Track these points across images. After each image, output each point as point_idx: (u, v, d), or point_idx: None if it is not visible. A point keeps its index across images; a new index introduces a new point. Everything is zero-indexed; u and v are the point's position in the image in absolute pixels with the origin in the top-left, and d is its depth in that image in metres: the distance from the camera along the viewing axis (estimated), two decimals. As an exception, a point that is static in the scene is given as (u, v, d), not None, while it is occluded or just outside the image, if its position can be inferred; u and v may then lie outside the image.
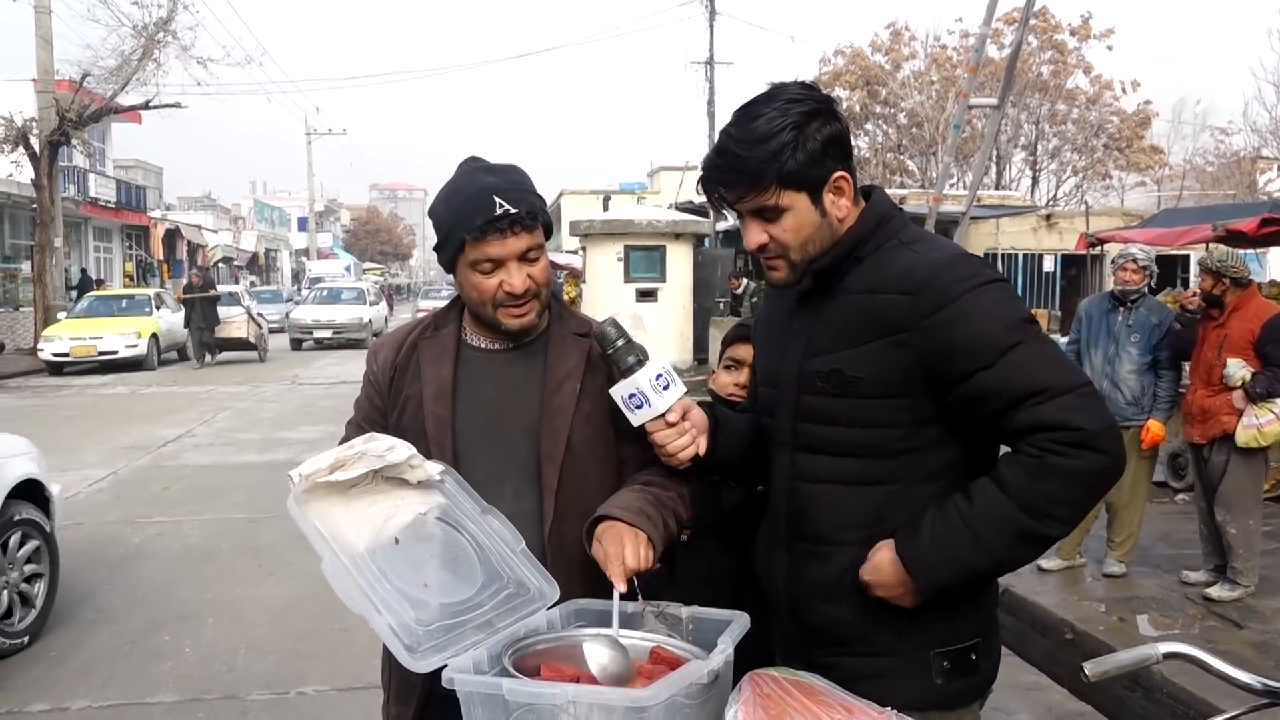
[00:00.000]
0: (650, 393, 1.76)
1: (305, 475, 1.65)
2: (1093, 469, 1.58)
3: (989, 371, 1.60)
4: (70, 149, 23.19)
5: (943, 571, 1.63)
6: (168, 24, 20.90)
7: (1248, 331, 5.27)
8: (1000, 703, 4.36)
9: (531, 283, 1.91)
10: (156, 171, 43.22)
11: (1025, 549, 1.63)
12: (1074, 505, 1.60)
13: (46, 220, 20.71)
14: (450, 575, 1.71)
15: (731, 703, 1.46)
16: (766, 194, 1.68)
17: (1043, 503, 1.58)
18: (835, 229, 1.73)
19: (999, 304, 1.65)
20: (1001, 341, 1.61)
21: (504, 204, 1.84)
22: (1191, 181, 29.60)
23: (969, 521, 1.61)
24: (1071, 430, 1.56)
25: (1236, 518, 5.27)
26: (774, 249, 1.74)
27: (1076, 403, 1.58)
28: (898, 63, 32.12)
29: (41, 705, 4.38)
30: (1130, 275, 5.66)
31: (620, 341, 1.80)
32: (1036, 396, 1.58)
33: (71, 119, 20.06)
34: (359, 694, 4.39)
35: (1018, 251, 20.78)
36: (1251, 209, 9.86)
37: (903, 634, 1.71)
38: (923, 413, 1.68)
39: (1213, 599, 5.24)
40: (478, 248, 1.87)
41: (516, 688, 1.44)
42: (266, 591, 5.94)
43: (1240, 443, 5.19)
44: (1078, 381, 1.61)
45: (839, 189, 1.72)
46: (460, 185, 1.91)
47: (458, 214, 1.87)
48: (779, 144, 1.64)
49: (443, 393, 1.96)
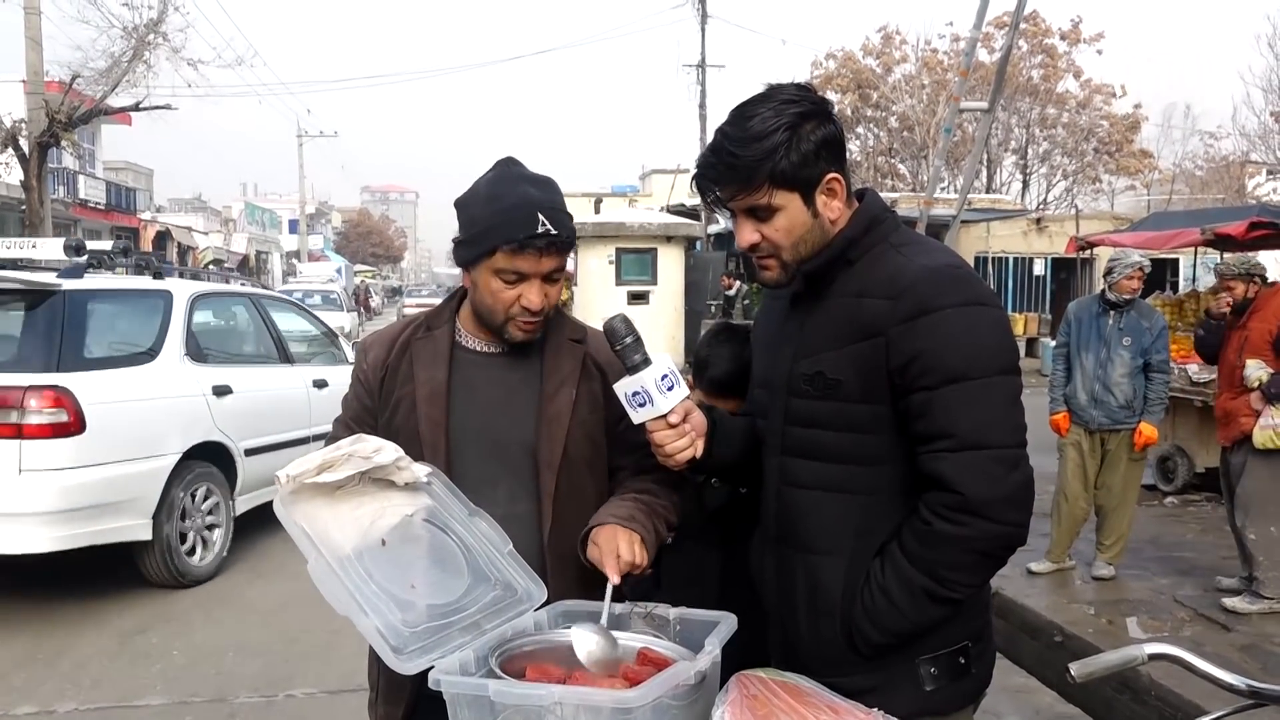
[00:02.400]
0: (654, 392, 1.77)
1: (292, 476, 1.65)
2: (980, 536, 1.58)
3: (925, 394, 1.60)
4: (60, 150, 23.11)
5: (873, 636, 1.67)
6: (158, 25, 20.82)
7: (1266, 331, 5.22)
8: (990, 705, 4.35)
9: (547, 302, 1.92)
10: (147, 173, 43.06)
11: (936, 608, 1.65)
12: (970, 570, 1.63)
13: (36, 222, 20.60)
14: (437, 577, 1.71)
15: (718, 703, 1.47)
16: (759, 193, 1.68)
17: (939, 570, 1.61)
18: (827, 230, 1.73)
19: (973, 328, 1.62)
20: (952, 370, 1.59)
21: (547, 224, 1.84)
22: (1181, 186, 29.73)
23: (885, 590, 1.65)
24: (955, 494, 1.56)
25: (1255, 522, 5.19)
26: (765, 248, 1.74)
27: (974, 463, 1.57)
28: (889, 66, 32.23)
29: (29, 708, 4.36)
30: (1136, 284, 5.62)
31: (629, 339, 1.80)
32: (944, 441, 1.58)
33: (61, 120, 19.96)
34: (348, 696, 4.38)
35: (1008, 255, 20.86)
36: (1240, 213, 9.91)
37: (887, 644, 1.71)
38: (898, 420, 1.67)
39: (1229, 610, 5.13)
40: (510, 259, 1.86)
41: (503, 689, 1.44)
42: (256, 593, 5.92)
43: (1257, 444, 5.13)
44: (991, 441, 1.58)
45: (831, 190, 1.72)
46: (502, 191, 1.89)
47: (497, 220, 1.86)
48: (773, 144, 1.65)
49: (436, 394, 1.96)
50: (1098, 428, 5.66)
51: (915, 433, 1.62)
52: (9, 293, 5.61)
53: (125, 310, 6.27)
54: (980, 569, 1.64)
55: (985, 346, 1.62)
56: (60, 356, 5.36)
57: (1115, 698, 4.35)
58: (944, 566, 1.60)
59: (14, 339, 5.51)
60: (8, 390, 5.09)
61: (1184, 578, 5.79)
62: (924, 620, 1.66)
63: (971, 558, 1.61)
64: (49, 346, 5.39)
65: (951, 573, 1.61)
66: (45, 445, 5.12)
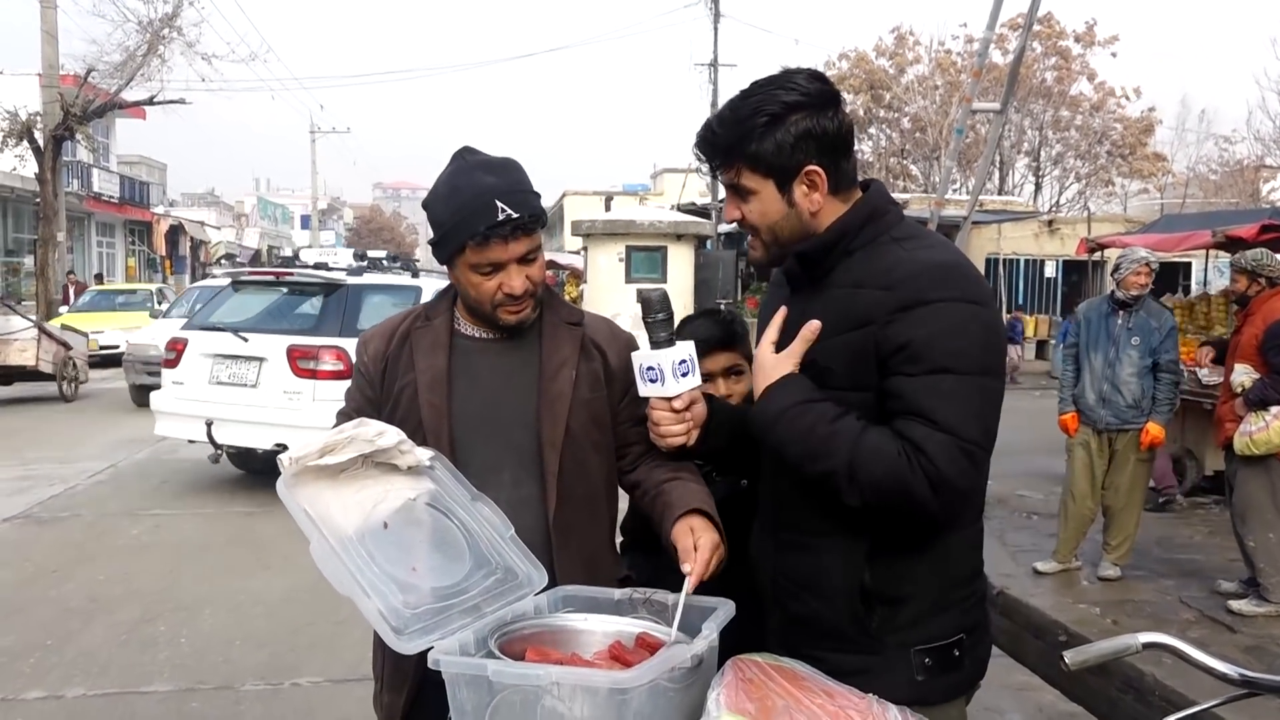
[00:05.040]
0: (668, 373, 1.79)
1: (296, 459, 1.66)
2: (915, 497, 1.57)
3: (908, 379, 1.61)
4: (74, 144, 23.23)
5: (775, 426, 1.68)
6: (173, 20, 20.92)
7: (1254, 336, 5.22)
8: (993, 703, 4.37)
9: (529, 284, 1.93)
10: (160, 167, 43.25)
11: (820, 472, 1.64)
12: (873, 493, 1.59)
13: (50, 215, 20.72)
14: (439, 560, 1.73)
15: (714, 686, 1.48)
16: (731, 172, 1.74)
17: (862, 471, 1.59)
18: (806, 221, 1.75)
19: (962, 326, 1.62)
20: (937, 360, 1.60)
21: (506, 209, 1.84)
22: (1194, 189, 29.59)
23: (824, 415, 1.64)
24: (929, 463, 1.56)
25: (1252, 529, 5.18)
26: (748, 226, 1.80)
27: (946, 445, 1.57)
28: (902, 67, 32.12)
29: (37, 693, 4.40)
30: (1144, 279, 5.61)
31: (661, 315, 1.82)
32: (918, 419, 1.59)
33: (76, 114, 20.08)
34: (353, 686, 4.40)
35: (1019, 257, 20.79)
36: (1252, 215, 9.89)
37: (884, 630, 1.72)
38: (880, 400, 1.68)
39: (1234, 612, 5.12)
40: (479, 253, 1.87)
41: (501, 669, 1.45)
42: (263, 584, 5.95)
43: (1236, 450, 5.16)
44: (967, 435, 1.59)
45: (811, 183, 1.72)
46: (459, 184, 1.90)
47: (458, 216, 1.87)
48: (748, 128, 1.69)
49: (437, 381, 1.98)
50: (1105, 427, 5.65)
51: (889, 410, 1.63)
52: (315, 284, 8.51)
53: (389, 297, 8.44)
54: (879, 505, 1.61)
55: (973, 345, 1.63)
56: (342, 327, 7.95)
57: (1120, 697, 4.35)
58: (869, 476, 1.59)
59: (315, 315, 8.31)
60: (310, 347, 7.85)
61: (1190, 579, 5.77)
62: (802, 459, 1.65)
63: (888, 498, 1.59)
64: (337, 320, 8.06)
65: (864, 482, 1.59)
66: (329, 384, 7.60)
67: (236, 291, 8.97)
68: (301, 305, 8.58)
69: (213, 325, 8.47)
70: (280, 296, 8.73)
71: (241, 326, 8.32)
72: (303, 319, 8.34)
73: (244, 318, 8.55)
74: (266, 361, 7.94)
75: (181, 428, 8.26)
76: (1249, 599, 5.18)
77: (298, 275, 8.81)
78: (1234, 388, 5.24)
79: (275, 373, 7.86)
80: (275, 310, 8.60)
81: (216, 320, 8.56)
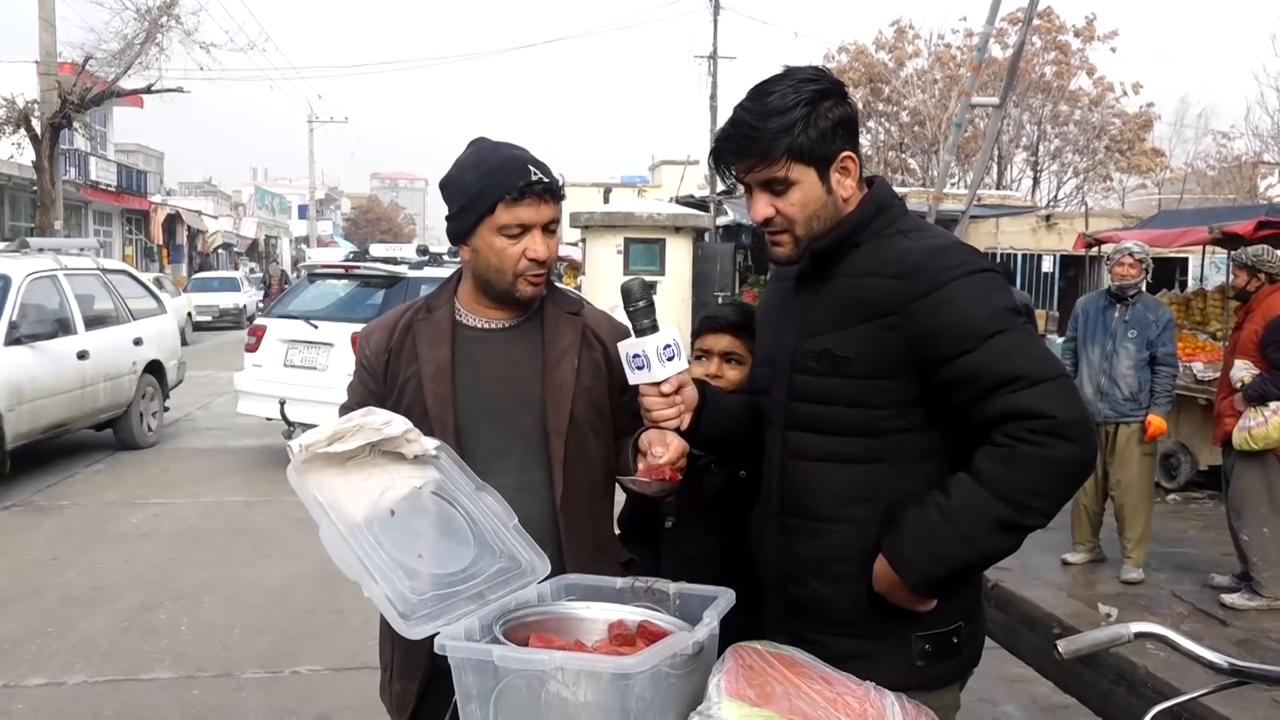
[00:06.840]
0: (654, 358, 1.81)
1: (305, 446, 1.69)
2: (1063, 457, 1.60)
3: (971, 356, 1.64)
4: (72, 132, 23.14)
5: (930, 568, 1.65)
6: (171, 8, 20.84)
7: (1254, 332, 5.24)
8: (987, 694, 4.41)
9: (550, 254, 1.98)
10: (158, 156, 43.09)
11: (1006, 539, 1.65)
12: (1049, 495, 1.62)
13: (47, 203, 20.66)
14: (444, 547, 1.75)
15: (715, 672, 1.51)
16: (777, 166, 1.73)
17: (1018, 493, 1.60)
18: (839, 208, 1.79)
19: (986, 292, 1.69)
20: (986, 328, 1.65)
21: (538, 172, 1.92)
22: (1192, 185, 29.60)
23: (949, 515, 1.63)
24: (1043, 418, 1.59)
25: (1247, 523, 5.21)
26: (779, 223, 1.79)
27: (1052, 391, 1.62)
28: (901, 60, 32.09)
29: (38, 679, 4.43)
30: (1127, 270, 5.65)
31: (641, 303, 1.84)
32: (1014, 383, 1.62)
33: (73, 102, 20.00)
34: (352, 674, 4.44)
35: (1017, 251, 20.77)
36: (1249, 211, 9.91)
37: (887, 616, 1.75)
38: (909, 394, 1.72)
39: (1227, 606, 5.15)
40: (512, 210, 1.92)
41: (506, 654, 1.48)
42: (263, 573, 5.98)
43: (1235, 445, 5.19)
44: (1055, 372, 1.65)
45: (845, 169, 1.77)
46: (487, 155, 1.97)
47: (491, 178, 1.92)
48: (792, 118, 1.71)
49: (441, 371, 2.00)
50: (1103, 420, 5.67)
51: (970, 394, 1.65)
52: (381, 276, 9.08)
53: None
54: (1060, 494, 1.63)
55: (1006, 301, 1.70)
56: None
57: (1112, 689, 4.39)
58: (1027, 490, 1.60)
59: (378, 305, 8.60)
60: None
61: (1183, 573, 5.81)
62: (987, 550, 1.65)
63: (1054, 481, 1.61)
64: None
65: (1034, 498, 1.60)
66: None
67: (312, 283, 9.65)
68: (369, 296, 9.11)
69: (289, 314, 9.18)
70: (350, 288, 9.41)
71: (313, 314, 8.99)
72: (368, 308, 8.76)
73: (317, 307, 9.23)
74: (334, 347, 8.54)
75: (260, 406, 8.92)
76: (1242, 593, 5.21)
77: (364, 268, 9.35)
78: (1233, 383, 5.27)
79: (341, 357, 8.30)
80: (344, 300, 9.29)
81: (292, 309, 9.26)
